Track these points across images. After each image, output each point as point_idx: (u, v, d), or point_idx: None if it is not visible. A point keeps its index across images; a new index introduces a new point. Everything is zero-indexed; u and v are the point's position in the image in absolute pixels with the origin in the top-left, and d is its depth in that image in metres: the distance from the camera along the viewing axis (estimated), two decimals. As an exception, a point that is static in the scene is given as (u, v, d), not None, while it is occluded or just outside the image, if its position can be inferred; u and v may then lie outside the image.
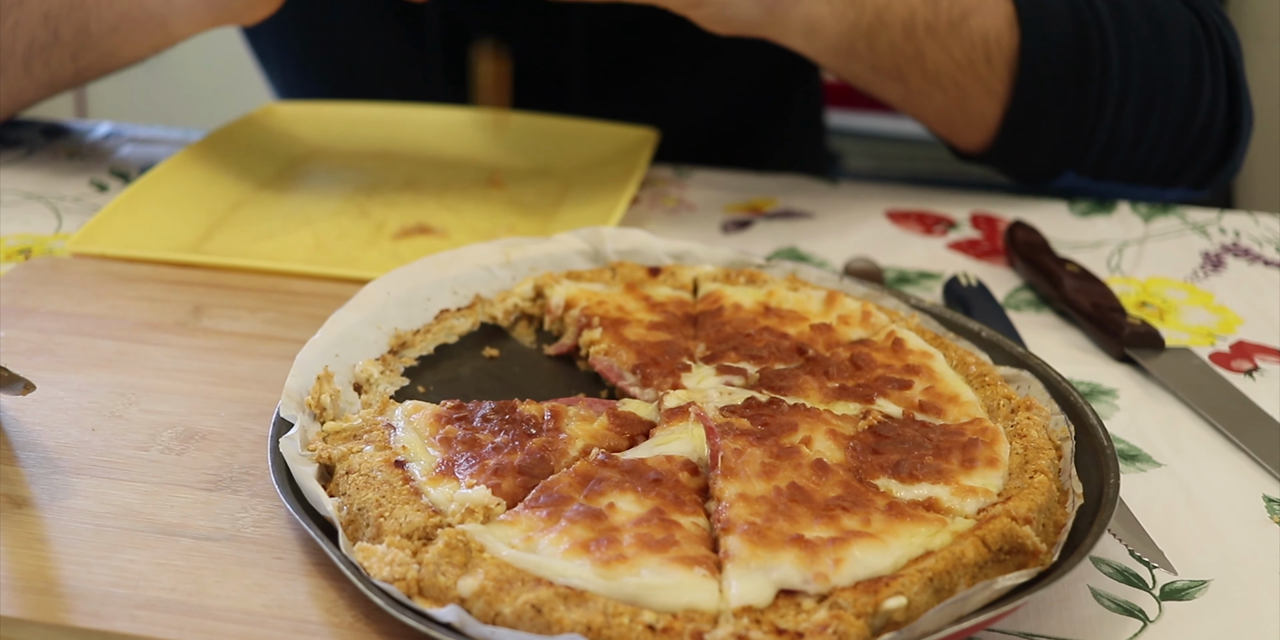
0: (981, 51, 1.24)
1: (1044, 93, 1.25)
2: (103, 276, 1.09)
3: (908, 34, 1.23)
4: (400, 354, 0.95)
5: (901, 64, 1.25)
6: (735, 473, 0.77)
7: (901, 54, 1.24)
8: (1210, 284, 1.18)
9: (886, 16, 1.22)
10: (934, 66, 1.25)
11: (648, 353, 0.92)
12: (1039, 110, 1.26)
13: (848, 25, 1.22)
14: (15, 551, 0.77)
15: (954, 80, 1.26)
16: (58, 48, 1.27)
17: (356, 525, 0.77)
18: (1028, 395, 0.88)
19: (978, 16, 1.23)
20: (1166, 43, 1.27)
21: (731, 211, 1.32)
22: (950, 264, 1.21)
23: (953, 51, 1.24)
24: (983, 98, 1.27)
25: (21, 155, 1.38)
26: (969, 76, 1.25)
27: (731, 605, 0.69)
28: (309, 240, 1.23)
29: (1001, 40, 1.24)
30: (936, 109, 1.30)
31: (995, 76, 1.25)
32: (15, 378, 0.84)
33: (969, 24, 1.23)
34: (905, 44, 1.24)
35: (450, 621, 0.69)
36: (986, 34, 1.24)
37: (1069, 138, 1.28)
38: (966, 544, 0.73)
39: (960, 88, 1.26)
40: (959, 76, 1.25)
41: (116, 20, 1.23)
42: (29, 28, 1.26)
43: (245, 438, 0.88)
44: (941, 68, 1.25)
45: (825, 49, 1.24)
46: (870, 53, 1.24)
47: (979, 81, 1.26)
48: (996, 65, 1.25)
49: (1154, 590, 0.80)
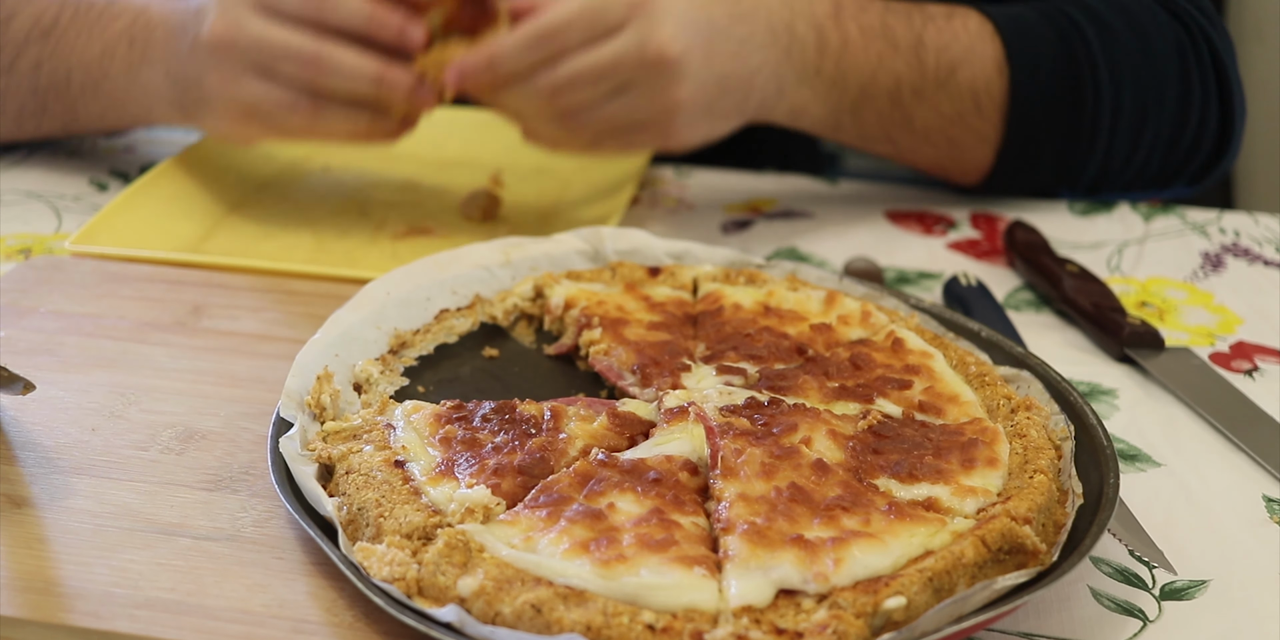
0: (971, 103, 1.23)
1: (1036, 128, 1.25)
2: (103, 276, 1.09)
3: (894, 102, 1.22)
4: (400, 354, 0.95)
5: (890, 130, 1.25)
6: (735, 473, 0.77)
7: (889, 121, 1.24)
8: (1210, 284, 1.18)
9: (872, 89, 1.21)
10: (923, 126, 1.24)
11: (648, 353, 0.92)
12: (1032, 145, 1.26)
13: (832, 105, 1.22)
14: (15, 551, 0.77)
15: (944, 135, 1.25)
16: (47, 118, 1.31)
17: (356, 525, 0.77)
18: (1027, 395, 0.88)
19: (965, 69, 1.22)
20: (1153, 55, 1.26)
21: (731, 211, 1.32)
22: (950, 264, 1.21)
23: (942, 109, 1.23)
24: (975, 146, 1.26)
25: (22, 155, 1.38)
26: (959, 129, 1.25)
27: (731, 605, 0.69)
28: (309, 240, 1.23)
29: (991, 87, 1.23)
30: (928, 160, 1.29)
31: (987, 123, 1.24)
32: (15, 377, 0.84)
33: (956, 79, 1.22)
34: (893, 111, 1.23)
35: (450, 621, 0.69)
36: (975, 84, 1.23)
37: (1064, 163, 1.28)
38: (966, 544, 0.73)
39: (951, 140, 1.26)
40: (949, 131, 1.25)
41: (103, 111, 1.27)
42: (18, 96, 1.30)
43: (245, 437, 0.88)
44: (931, 125, 1.24)
45: (811, 128, 1.25)
46: (857, 125, 1.24)
47: (970, 132, 1.25)
48: (988, 112, 1.24)
49: (1154, 590, 0.80)
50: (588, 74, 1.09)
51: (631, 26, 1.08)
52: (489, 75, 1.10)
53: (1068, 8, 1.27)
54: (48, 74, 1.27)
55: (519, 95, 1.11)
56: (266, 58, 1.10)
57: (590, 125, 1.12)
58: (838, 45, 1.19)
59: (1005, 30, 1.23)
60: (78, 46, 1.25)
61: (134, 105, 1.24)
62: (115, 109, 1.26)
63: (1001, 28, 1.24)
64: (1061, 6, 1.27)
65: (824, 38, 1.19)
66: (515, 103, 1.13)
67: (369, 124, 1.14)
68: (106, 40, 1.24)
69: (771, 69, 1.17)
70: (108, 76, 1.24)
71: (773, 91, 1.18)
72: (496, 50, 1.09)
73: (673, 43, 1.08)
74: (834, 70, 1.20)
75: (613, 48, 1.08)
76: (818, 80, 1.19)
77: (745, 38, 1.14)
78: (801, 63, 1.18)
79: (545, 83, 1.09)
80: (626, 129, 1.13)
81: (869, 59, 1.20)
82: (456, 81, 1.11)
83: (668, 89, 1.10)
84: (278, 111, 1.13)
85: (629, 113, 1.11)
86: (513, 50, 1.09)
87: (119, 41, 1.23)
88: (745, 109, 1.17)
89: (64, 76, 1.26)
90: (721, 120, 1.17)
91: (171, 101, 1.20)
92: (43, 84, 1.28)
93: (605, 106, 1.11)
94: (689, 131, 1.14)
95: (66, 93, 1.27)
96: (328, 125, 1.14)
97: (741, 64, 1.14)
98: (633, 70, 1.09)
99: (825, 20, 1.20)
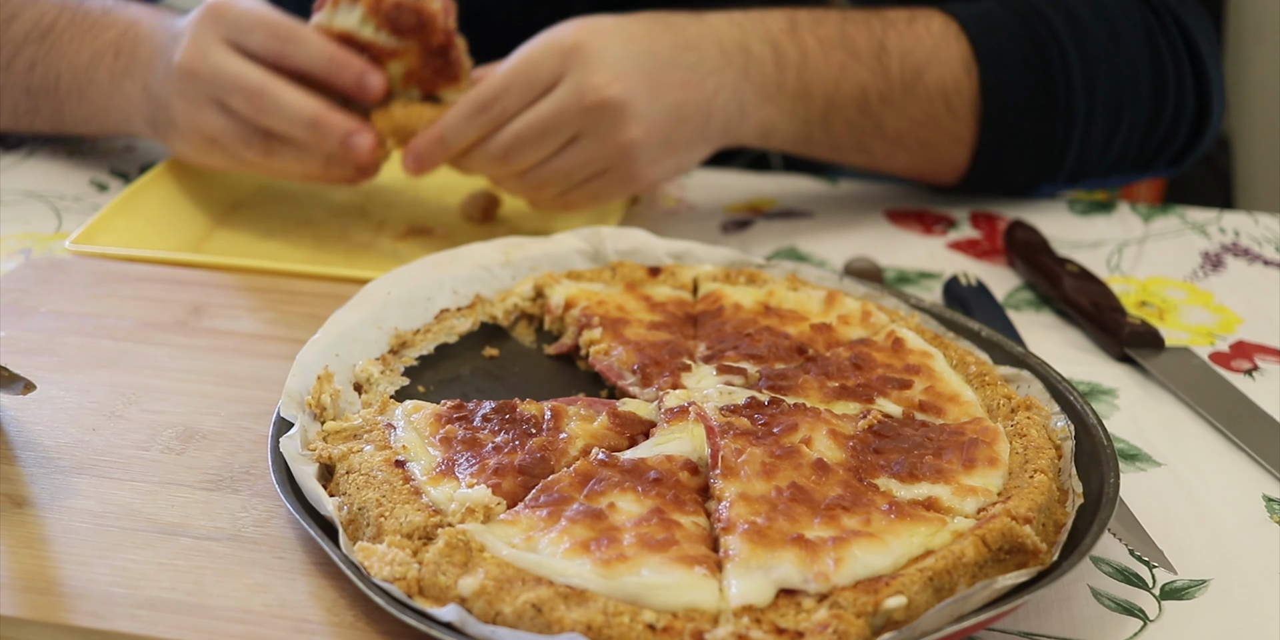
0: (941, 104, 1.23)
1: (1011, 123, 1.24)
2: (103, 276, 1.09)
3: (862, 110, 1.22)
4: (400, 354, 0.95)
5: (862, 138, 1.24)
6: (735, 472, 0.77)
7: (860, 129, 1.23)
8: (1210, 284, 1.18)
9: (838, 98, 1.21)
10: (895, 132, 1.24)
11: (648, 352, 0.92)
12: (1008, 141, 1.25)
13: (800, 119, 1.21)
14: (16, 551, 0.77)
15: (917, 138, 1.25)
16: (39, 118, 1.33)
17: (357, 525, 0.77)
18: (1028, 395, 0.88)
19: (932, 71, 1.22)
20: (1123, 43, 1.25)
21: (731, 211, 1.32)
22: (950, 264, 1.21)
23: (912, 113, 1.23)
24: (950, 146, 1.26)
25: (22, 155, 1.38)
26: (931, 131, 1.24)
27: (732, 605, 0.69)
28: (309, 240, 1.23)
29: (960, 86, 1.22)
30: (904, 165, 1.29)
31: (960, 123, 1.24)
32: (15, 377, 0.84)
33: (924, 82, 1.22)
34: (862, 119, 1.22)
35: (451, 621, 0.69)
36: (944, 85, 1.22)
37: (1042, 157, 1.27)
38: (966, 543, 0.73)
39: (924, 143, 1.25)
40: (921, 134, 1.24)
41: (87, 116, 1.29)
42: (13, 94, 1.31)
43: (245, 437, 0.88)
44: (903, 130, 1.24)
45: (782, 145, 1.25)
46: (828, 136, 1.24)
47: (943, 133, 1.24)
48: (959, 112, 1.23)
49: (1154, 590, 0.80)
50: (531, 132, 1.10)
51: (566, 78, 1.10)
52: (442, 151, 1.13)
53: (1032, 0, 1.26)
54: (40, 75, 1.29)
55: (476, 162, 1.14)
56: (219, 90, 1.13)
57: (552, 182, 1.13)
58: (797, 58, 1.19)
59: (970, 28, 1.23)
60: (69, 51, 1.27)
61: (114, 113, 1.26)
62: (98, 116, 1.28)
63: (966, 26, 1.23)
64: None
65: (781, 53, 1.19)
66: (476, 169, 1.15)
67: (322, 167, 1.16)
68: (96, 48, 1.26)
69: (730, 90, 1.16)
70: (92, 83, 1.26)
71: (735, 112, 1.18)
72: (443, 126, 1.12)
73: (611, 85, 1.09)
74: (796, 83, 1.19)
75: (550, 102, 1.10)
76: (781, 95, 1.19)
77: (694, 64, 1.15)
78: (761, 80, 1.18)
79: (495, 148, 1.11)
80: (589, 179, 1.14)
81: (831, 69, 1.20)
82: (414, 164, 1.14)
83: (616, 131, 1.11)
84: (233, 144, 1.15)
85: (585, 162, 1.12)
86: (457, 123, 1.12)
87: (107, 50, 1.25)
88: (709, 135, 1.17)
89: (54, 79, 1.28)
90: (686, 151, 1.16)
91: (145, 117, 1.22)
92: (35, 85, 1.29)
93: (559, 160, 1.12)
94: (653, 169, 1.15)
95: (55, 95, 1.29)
96: (280, 164, 1.16)
97: (695, 91, 1.14)
98: (577, 120, 1.10)
99: (780, 35, 1.19)
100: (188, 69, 1.13)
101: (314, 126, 1.11)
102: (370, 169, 1.17)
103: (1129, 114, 1.27)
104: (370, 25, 1.14)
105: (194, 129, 1.16)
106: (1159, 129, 1.29)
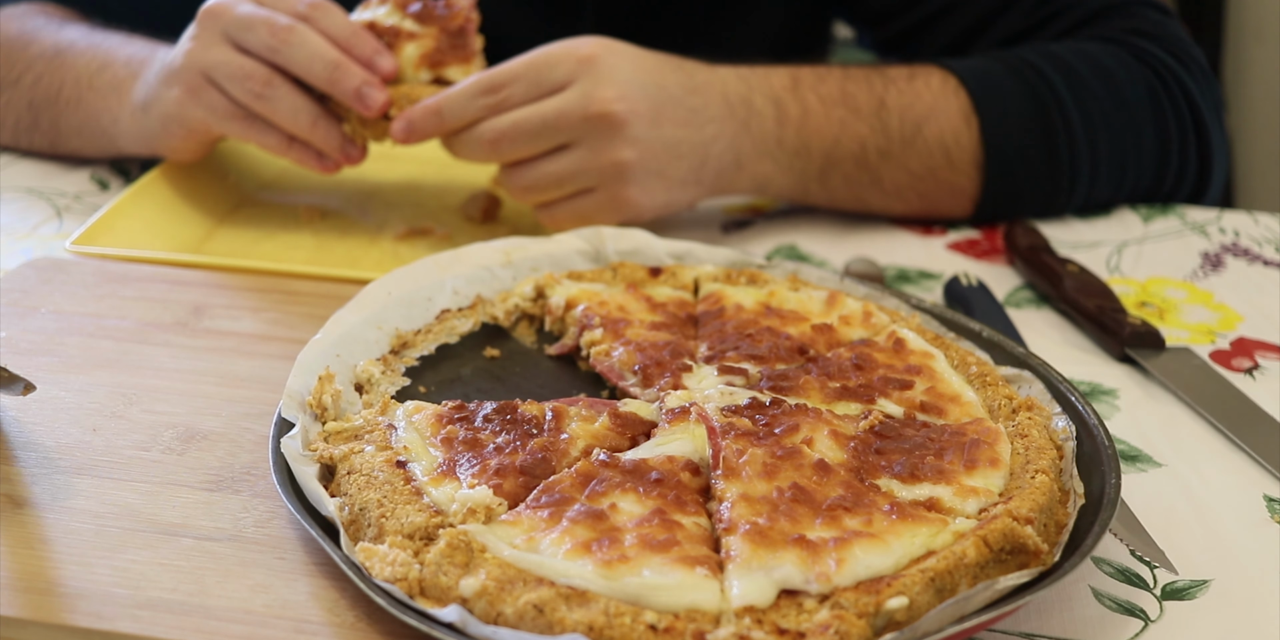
0: (941, 157, 1.23)
1: (1014, 175, 1.24)
2: (104, 277, 1.09)
3: (861, 165, 1.22)
4: (401, 354, 0.95)
5: (858, 191, 1.25)
6: (737, 473, 0.77)
7: (857, 183, 1.24)
8: (1210, 284, 1.18)
9: (836, 154, 1.22)
10: (893, 185, 1.24)
11: (649, 353, 0.92)
12: (1012, 192, 1.26)
13: (796, 174, 1.22)
14: (16, 551, 0.77)
15: (915, 191, 1.25)
16: (38, 133, 1.34)
17: (358, 525, 0.77)
18: (1029, 395, 0.88)
19: (932, 124, 1.22)
20: (1125, 101, 1.26)
21: (731, 212, 1.32)
22: (950, 264, 1.21)
23: (911, 166, 1.23)
24: (948, 199, 1.26)
25: (23, 152, 1.38)
26: (931, 184, 1.25)
27: (733, 605, 0.69)
28: (309, 240, 1.23)
29: (960, 139, 1.23)
30: (904, 214, 1.29)
31: (960, 175, 1.24)
32: (16, 378, 0.84)
33: (924, 135, 1.22)
34: (859, 174, 1.23)
35: (452, 621, 0.69)
36: (943, 139, 1.23)
37: (1045, 206, 1.28)
38: (968, 544, 0.73)
39: (923, 196, 1.26)
40: (921, 187, 1.25)
41: (80, 124, 1.30)
42: (16, 108, 1.33)
43: (246, 438, 0.88)
44: (901, 183, 1.24)
45: (779, 196, 1.26)
46: (825, 191, 1.24)
47: (942, 186, 1.25)
48: (960, 164, 1.23)
49: (1155, 590, 0.80)
50: (529, 126, 1.10)
51: (576, 84, 1.10)
52: (435, 123, 1.13)
53: (1029, 56, 1.26)
54: (44, 87, 1.30)
55: (465, 144, 1.13)
56: (240, 25, 1.13)
57: (539, 186, 1.13)
58: (798, 115, 1.20)
59: (969, 81, 1.24)
60: (79, 63, 1.29)
61: (105, 116, 1.27)
62: (90, 123, 1.28)
63: (965, 79, 1.24)
64: (1023, 56, 1.27)
65: (783, 109, 1.20)
66: (463, 152, 1.15)
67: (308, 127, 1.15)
68: (107, 60, 1.27)
69: (728, 141, 1.17)
70: (92, 88, 1.27)
71: (730, 163, 1.18)
72: (444, 98, 1.12)
73: (617, 101, 1.10)
74: (795, 140, 1.20)
75: (555, 102, 1.10)
76: (779, 151, 1.20)
77: (698, 108, 1.16)
78: (761, 135, 1.19)
79: (488, 132, 1.11)
80: (578, 194, 1.14)
81: (830, 126, 1.21)
82: (405, 129, 1.13)
83: (611, 147, 1.11)
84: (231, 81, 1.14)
85: (575, 172, 1.12)
86: (459, 99, 1.12)
87: (116, 62, 1.27)
88: (702, 178, 1.18)
89: (56, 89, 1.30)
90: (680, 188, 1.17)
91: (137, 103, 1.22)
92: (39, 97, 1.31)
93: (549, 164, 1.12)
94: (643, 197, 1.14)
95: (55, 105, 1.30)
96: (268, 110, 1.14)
97: (695, 132, 1.15)
98: (576, 126, 1.10)
99: (783, 92, 1.21)
100: (210, 11, 1.14)
101: (336, 66, 1.12)
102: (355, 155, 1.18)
103: (1133, 172, 1.28)
104: (396, 14, 1.17)
105: (195, 66, 1.15)
106: (1161, 191, 1.31)
